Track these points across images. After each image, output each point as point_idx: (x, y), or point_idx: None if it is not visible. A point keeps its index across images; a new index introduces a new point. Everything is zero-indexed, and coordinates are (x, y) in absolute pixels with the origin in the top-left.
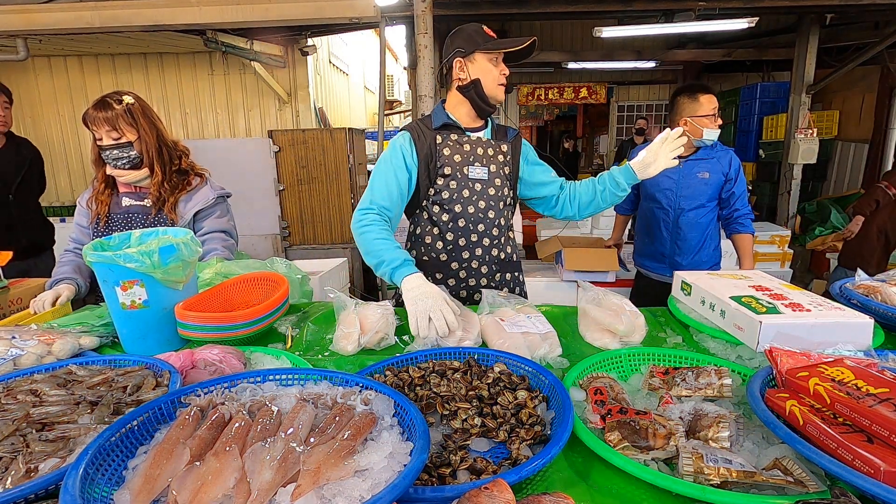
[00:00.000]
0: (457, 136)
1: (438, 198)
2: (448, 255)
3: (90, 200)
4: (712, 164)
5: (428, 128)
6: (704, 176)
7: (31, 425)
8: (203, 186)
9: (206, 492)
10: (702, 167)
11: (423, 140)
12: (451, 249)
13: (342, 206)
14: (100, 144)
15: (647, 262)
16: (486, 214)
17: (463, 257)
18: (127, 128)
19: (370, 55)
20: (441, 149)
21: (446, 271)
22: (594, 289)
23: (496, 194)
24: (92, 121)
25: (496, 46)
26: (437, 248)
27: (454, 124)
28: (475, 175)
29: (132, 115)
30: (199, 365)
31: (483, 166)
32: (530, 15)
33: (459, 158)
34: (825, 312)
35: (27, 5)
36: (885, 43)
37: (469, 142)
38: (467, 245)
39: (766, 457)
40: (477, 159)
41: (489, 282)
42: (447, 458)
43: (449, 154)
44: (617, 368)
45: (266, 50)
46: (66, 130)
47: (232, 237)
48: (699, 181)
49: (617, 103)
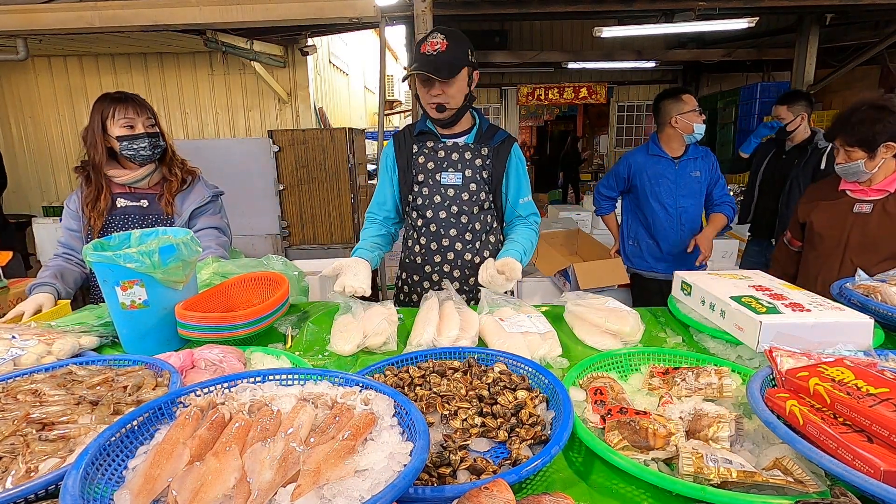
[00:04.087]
0: (432, 144)
1: (415, 203)
2: (422, 259)
3: (85, 206)
4: (700, 163)
5: (411, 134)
6: (696, 175)
7: (31, 425)
8: (197, 184)
9: (206, 492)
10: (693, 166)
11: (403, 149)
12: (425, 253)
13: (342, 206)
14: (131, 133)
15: (648, 261)
16: (459, 219)
17: (435, 261)
18: (156, 120)
19: (370, 55)
20: (416, 157)
21: (421, 274)
22: (584, 294)
23: (470, 199)
24: (133, 109)
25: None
26: (415, 252)
27: (431, 131)
28: (448, 181)
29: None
30: (199, 365)
31: (457, 171)
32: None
33: (433, 165)
34: (825, 312)
35: (27, 5)
36: (885, 43)
37: (444, 148)
38: (439, 249)
39: (766, 457)
40: (451, 164)
41: (462, 286)
42: (447, 457)
43: (423, 162)
44: (617, 368)
45: (266, 50)
46: (66, 130)
47: (225, 234)
48: (693, 179)
49: (617, 103)
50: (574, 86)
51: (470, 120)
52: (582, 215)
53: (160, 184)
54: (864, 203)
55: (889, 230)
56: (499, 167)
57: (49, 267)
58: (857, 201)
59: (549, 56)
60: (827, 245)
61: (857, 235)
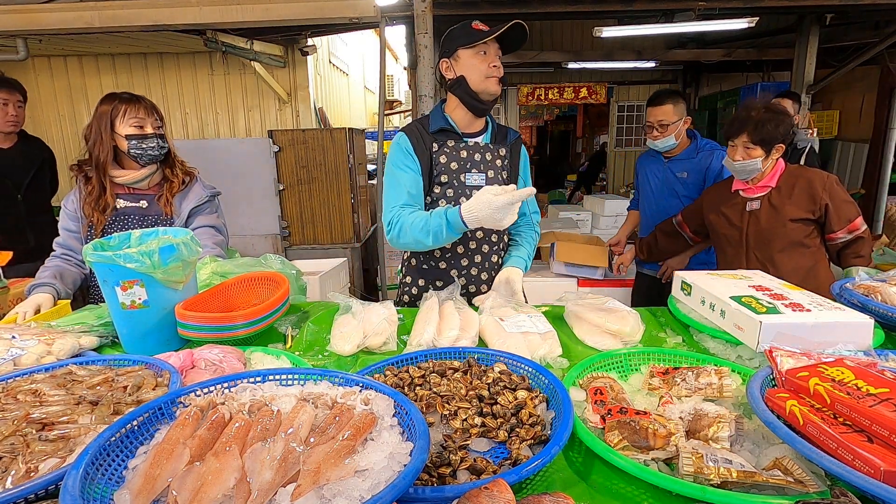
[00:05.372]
0: (454, 143)
1: (436, 206)
2: (447, 263)
3: (85, 205)
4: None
5: (426, 130)
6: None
7: (31, 425)
8: (195, 184)
9: (206, 492)
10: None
11: (422, 145)
12: (451, 257)
13: (342, 206)
14: (140, 133)
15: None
16: None
17: (462, 264)
18: (161, 121)
19: (370, 55)
20: (438, 156)
21: (446, 279)
22: (584, 294)
23: None
24: (144, 109)
25: (475, 39)
26: (436, 257)
27: (451, 129)
28: (472, 182)
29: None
30: (199, 365)
31: (480, 173)
32: (530, 15)
33: (456, 166)
34: (825, 312)
35: (27, 5)
36: (885, 43)
37: (466, 148)
38: (466, 252)
39: (766, 457)
40: (474, 165)
41: (490, 288)
42: (447, 457)
43: (445, 161)
44: (617, 368)
45: (266, 50)
46: (66, 130)
47: (222, 234)
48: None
49: (617, 103)
50: (574, 86)
51: (483, 119)
52: (582, 215)
53: (160, 184)
54: (754, 201)
55: (778, 221)
56: (514, 166)
57: (48, 267)
58: (749, 199)
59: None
60: (732, 244)
61: (753, 232)
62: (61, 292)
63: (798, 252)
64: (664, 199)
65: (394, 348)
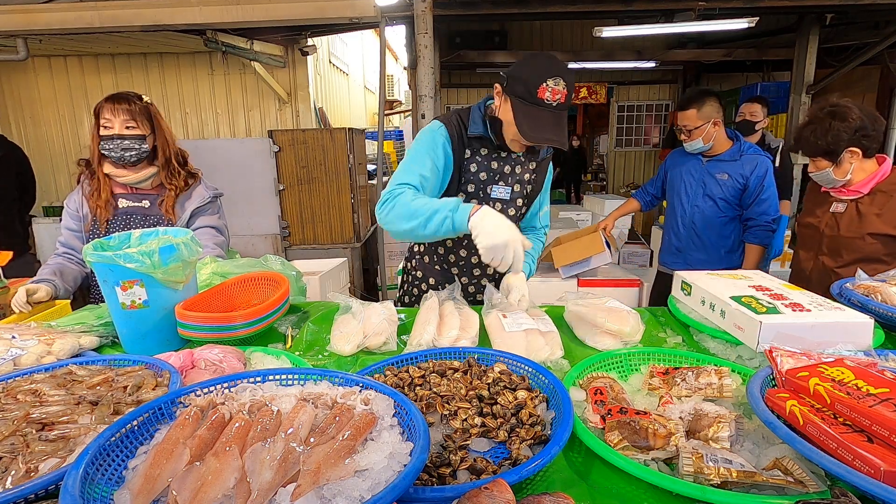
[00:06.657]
0: (487, 151)
1: None
2: (460, 270)
3: (89, 198)
4: (734, 166)
5: (465, 131)
6: (723, 177)
7: (31, 425)
8: (198, 186)
9: (206, 492)
10: (722, 168)
11: (459, 148)
12: (464, 265)
13: (342, 206)
14: (108, 134)
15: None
16: None
17: (474, 274)
18: (143, 122)
19: (370, 55)
20: (469, 164)
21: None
22: (584, 294)
23: (515, 213)
24: (110, 109)
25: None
26: (450, 262)
27: (488, 138)
28: (497, 195)
29: (149, 113)
30: (199, 365)
31: (507, 186)
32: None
33: (485, 177)
34: (825, 312)
35: (27, 5)
36: (885, 43)
37: (497, 159)
38: (480, 262)
39: (766, 457)
40: (503, 178)
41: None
42: (447, 457)
43: (475, 171)
44: (617, 368)
45: (266, 50)
46: (66, 130)
47: (223, 234)
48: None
49: (617, 103)
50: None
51: None
52: (582, 215)
53: (161, 185)
54: (840, 202)
55: (856, 232)
56: (539, 183)
57: (49, 265)
58: (836, 200)
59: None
60: (806, 242)
61: (829, 233)
62: (60, 289)
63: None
64: (698, 200)
65: (394, 348)
